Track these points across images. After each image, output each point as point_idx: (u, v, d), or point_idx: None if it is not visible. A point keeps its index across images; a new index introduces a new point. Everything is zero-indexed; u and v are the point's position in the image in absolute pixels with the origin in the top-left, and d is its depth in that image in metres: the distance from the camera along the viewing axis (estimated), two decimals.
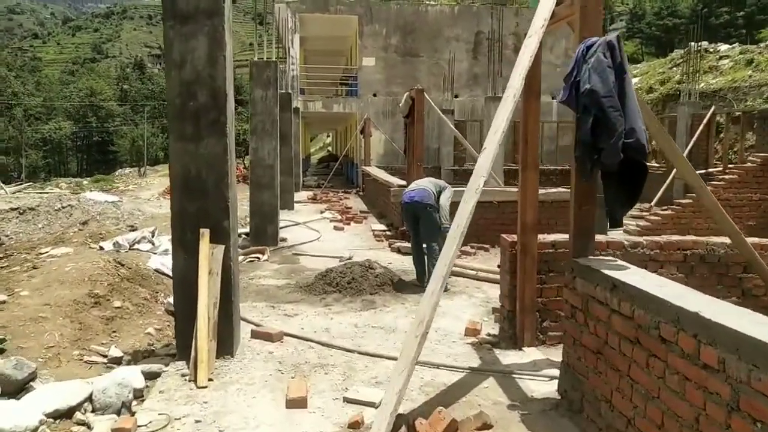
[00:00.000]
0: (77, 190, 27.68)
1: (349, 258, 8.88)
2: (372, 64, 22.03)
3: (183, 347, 4.51)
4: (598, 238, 5.36)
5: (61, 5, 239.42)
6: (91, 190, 22.57)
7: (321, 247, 9.95)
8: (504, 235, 5.31)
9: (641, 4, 79.21)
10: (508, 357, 4.86)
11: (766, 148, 13.98)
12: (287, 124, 14.88)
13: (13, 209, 10.38)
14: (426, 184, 7.46)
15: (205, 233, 4.47)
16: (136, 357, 4.90)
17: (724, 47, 23.90)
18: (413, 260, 7.43)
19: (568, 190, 9.45)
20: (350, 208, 15.87)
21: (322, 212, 14.75)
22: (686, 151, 15.43)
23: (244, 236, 10.42)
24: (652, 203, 14.59)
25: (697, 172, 13.97)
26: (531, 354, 4.87)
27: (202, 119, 4.47)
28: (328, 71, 26.57)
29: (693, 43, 17.43)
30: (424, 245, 7.27)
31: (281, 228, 11.30)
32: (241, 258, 8.62)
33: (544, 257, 5.08)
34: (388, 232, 10.97)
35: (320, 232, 11.50)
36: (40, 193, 25.37)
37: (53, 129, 68.83)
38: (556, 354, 4.91)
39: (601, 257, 3.98)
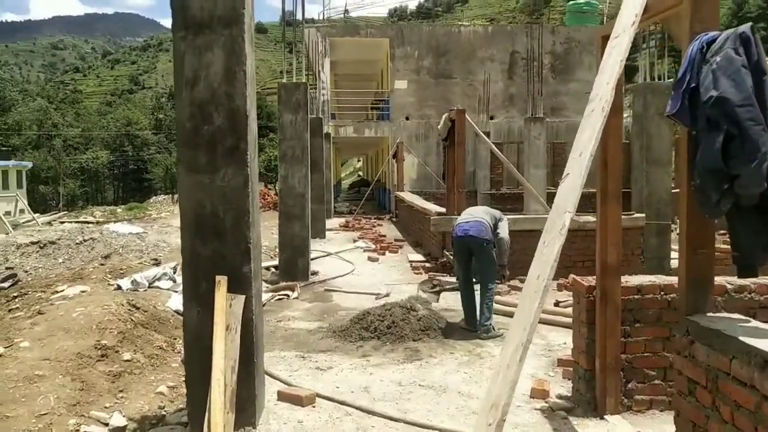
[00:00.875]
0: (111, 218, 27.53)
1: (386, 295, 8.06)
2: (404, 87, 21.40)
3: (196, 417, 3.73)
4: (652, 280, 4.49)
5: (100, 40, 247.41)
6: (124, 219, 22.28)
7: (355, 282, 9.15)
8: (577, 278, 4.43)
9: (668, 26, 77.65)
10: (588, 429, 3.95)
11: None
12: (318, 150, 14.24)
13: (33, 243, 9.84)
14: (481, 214, 6.53)
15: (221, 282, 3.71)
16: (143, 425, 4.13)
17: None
18: (462, 301, 6.55)
19: (592, 218, 8.43)
20: (384, 236, 15.07)
21: (354, 241, 13.98)
22: None
23: (272, 270, 9.69)
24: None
25: None
26: (618, 425, 3.95)
27: (218, 146, 3.74)
28: (359, 95, 26.06)
29: None
30: (476, 284, 6.42)
31: (312, 259, 10.55)
32: (269, 296, 7.87)
33: (627, 305, 4.19)
34: (426, 264, 10.13)
35: (354, 263, 10.71)
36: (74, 221, 25.23)
37: (91, 158, 69.88)
38: (647, 424, 4.00)
39: (723, 314, 3.08)
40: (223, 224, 3.75)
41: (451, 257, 9.55)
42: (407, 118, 21.55)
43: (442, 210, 10.59)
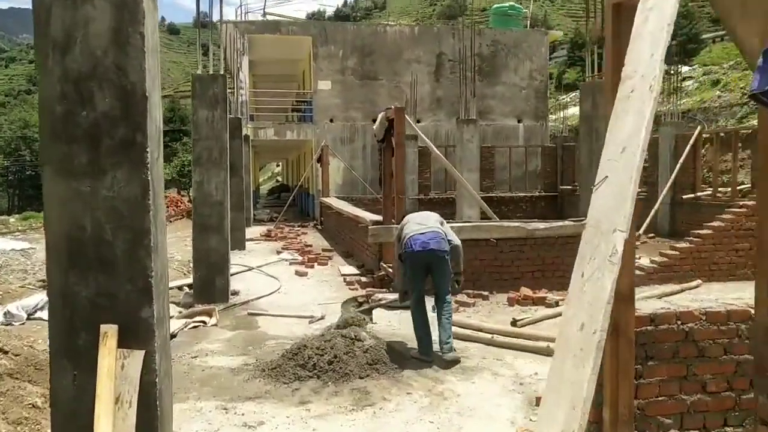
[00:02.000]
0: (1, 228, 24.72)
1: (321, 317, 7.03)
2: (328, 88, 20.38)
3: None
4: (665, 307, 3.82)
5: None
6: (17, 230, 19.89)
7: (283, 302, 8.05)
8: None
9: (581, 34, 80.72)
10: None
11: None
12: (237, 152, 12.97)
13: None
14: (434, 223, 5.74)
15: (109, 333, 2.60)
16: None
17: (685, 68, 23.38)
18: (416, 325, 5.64)
19: (571, 223, 7.81)
20: (310, 246, 13.96)
21: (278, 252, 12.82)
22: (673, 175, 14.30)
23: (186, 289, 8.42)
24: (640, 231, 13.34)
25: (686, 197, 12.70)
26: None
27: (104, 140, 2.63)
28: (279, 96, 24.78)
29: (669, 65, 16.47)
30: (432, 302, 5.59)
31: (232, 275, 9.34)
32: (181, 323, 6.66)
33: (639, 338, 3.40)
34: (362, 278, 9.16)
35: (279, 279, 9.58)
36: None
37: None
38: None
39: None
40: (111, 251, 2.64)
41: (391, 270, 8.65)
42: (331, 121, 20.55)
43: (378, 218, 9.67)
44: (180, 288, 8.68)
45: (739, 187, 13.98)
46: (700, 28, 65.80)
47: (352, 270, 10.28)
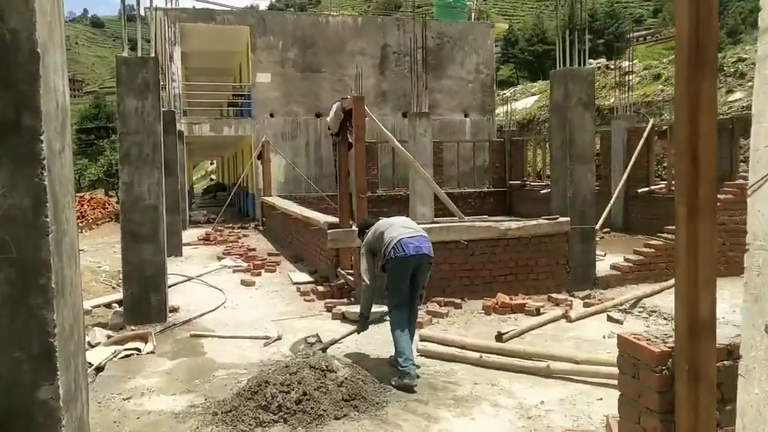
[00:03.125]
0: None
1: (278, 338, 6.08)
2: (267, 81, 19.18)
3: None
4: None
5: None
6: None
7: (231, 319, 7.03)
8: (637, 338, 2.83)
9: (514, 31, 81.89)
10: None
11: (722, 163, 12.78)
12: (172, 150, 11.74)
13: None
14: (415, 225, 5.29)
15: None
16: None
17: (626, 63, 23.47)
18: (397, 340, 4.90)
19: (545, 222, 7.16)
20: (254, 249, 12.88)
21: (219, 258, 11.68)
22: (627, 169, 14.00)
23: (115, 308, 7.26)
24: (596, 226, 12.96)
25: (640, 190, 12.38)
26: None
27: None
28: (215, 90, 23.34)
29: (618, 60, 16.20)
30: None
31: (170, 287, 8.23)
32: (109, 352, 5.57)
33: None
34: (318, 287, 8.22)
35: (224, 291, 8.52)
36: None
37: None
38: None
39: None
40: None
41: (351, 278, 7.77)
42: (272, 115, 19.37)
43: (334, 220, 8.76)
44: (108, 305, 7.51)
45: None
46: (624, 28, 67.94)
47: (305, 277, 9.32)
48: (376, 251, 5.15)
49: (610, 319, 6.58)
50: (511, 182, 20.36)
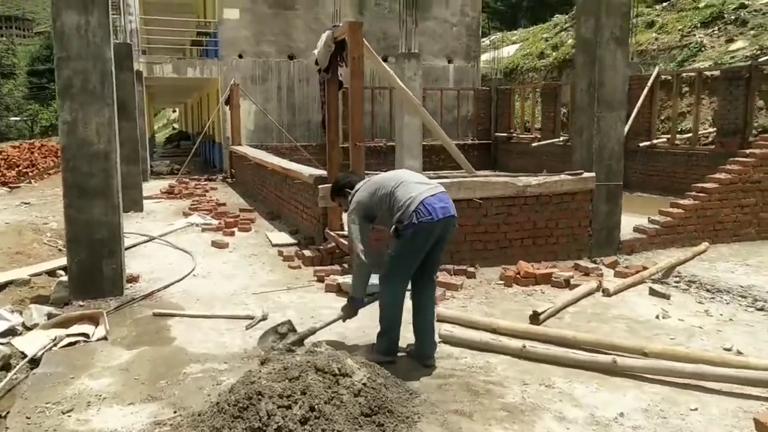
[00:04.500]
0: None
1: (263, 318, 4.94)
2: (236, 18, 17.44)
3: None
4: None
5: None
6: None
7: (202, 290, 5.85)
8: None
9: None
10: None
11: (729, 116, 11.86)
12: (129, 89, 10.27)
13: None
14: (430, 180, 4.20)
15: None
16: None
17: None
18: (392, 318, 4.07)
19: (569, 178, 6.04)
20: (223, 204, 11.64)
21: (186, 214, 10.39)
22: (630, 121, 12.99)
23: (60, 277, 6.00)
24: None
25: (642, 144, 11.45)
26: None
27: None
28: (178, 26, 21.36)
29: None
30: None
31: (128, 249, 7.02)
32: (48, 339, 4.38)
33: None
34: (305, 252, 7.05)
35: (192, 254, 7.30)
36: None
37: None
38: None
39: None
40: None
41: (343, 241, 6.63)
42: (240, 56, 17.70)
43: (321, 173, 7.56)
44: (52, 273, 6.24)
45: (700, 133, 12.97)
46: None
47: (286, 238, 8.15)
48: (374, 216, 4.05)
49: (653, 292, 5.62)
50: (497, 134, 19.30)
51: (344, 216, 5.58)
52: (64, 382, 3.80)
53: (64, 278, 5.75)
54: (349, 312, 4.27)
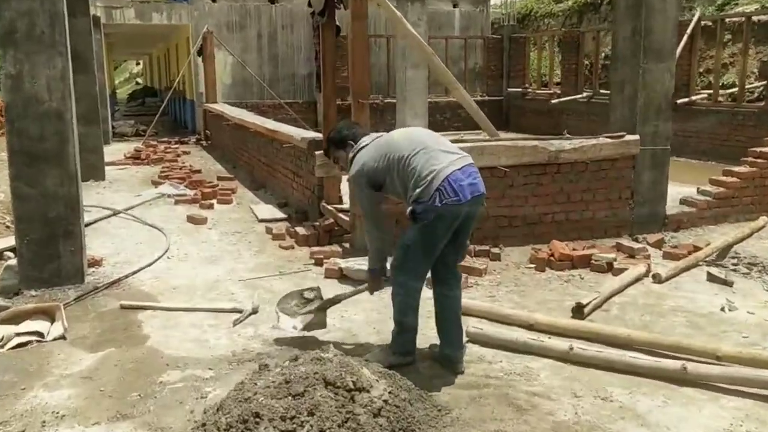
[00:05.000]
0: None
1: (253, 312, 4.62)
2: None
3: None
4: None
5: None
6: None
7: (178, 276, 5.51)
8: None
9: None
10: None
11: None
12: (85, 39, 9.77)
13: None
14: (453, 145, 3.80)
15: None
16: None
17: None
18: (406, 313, 3.73)
19: (608, 141, 5.61)
20: (198, 171, 11.29)
21: (155, 182, 10.01)
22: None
23: (11, 258, 5.64)
24: None
25: (679, 101, 11.11)
26: None
27: None
28: None
29: None
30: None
31: (87, 225, 6.67)
32: None
33: None
34: (298, 229, 6.67)
35: (165, 232, 6.95)
36: None
37: None
38: None
39: None
40: None
41: (345, 217, 6.29)
42: (214, 0, 17.13)
43: (315, 136, 7.18)
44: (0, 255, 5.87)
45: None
46: None
47: (274, 212, 7.81)
48: (380, 184, 3.70)
49: (712, 278, 5.33)
50: (510, 90, 18.85)
51: (345, 180, 5.09)
52: (14, 394, 3.47)
53: (13, 262, 5.41)
54: (373, 284, 4.02)
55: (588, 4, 21.91)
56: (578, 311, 4.50)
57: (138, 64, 57.28)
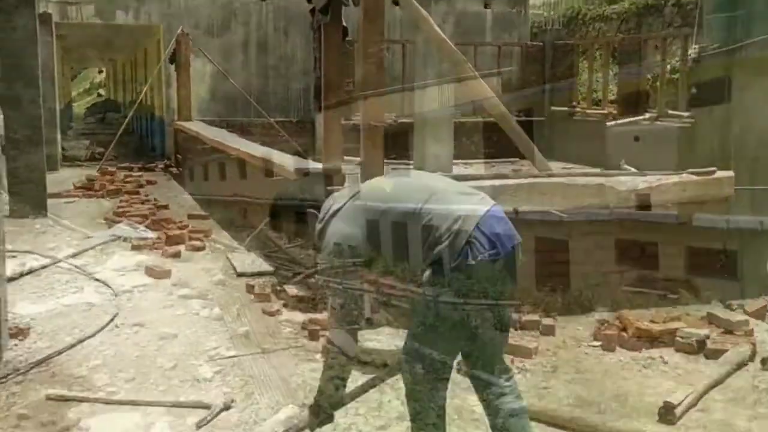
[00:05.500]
0: None
1: (225, 408, 4.16)
2: None
3: None
4: None
5: None
6: None
7: (129, 355, 5.08)
8: None
9: None
10: None
11: None
12: (29, 43, 9.66)
13: None
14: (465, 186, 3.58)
15: None
16: None
17: None
18: None
19: (693, 178, 5.23)
20: (165, 207, 11.10)
21: (109, 221, 9.76)
22: None
23: None
24: None
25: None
26: None
27: None
28: None
29: None
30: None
31: (13, 279, 6.33)
32: None
33: None
34: (288, 288, 6.27)
35: (113, 287, 6.61)
36: None
37: None
38: None
39: None
40: None
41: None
42: None
43: (313, 166, 6.84)
44: None
45: None
46: None
47: (257, 263, 7.51)
48: (371, 259, 3.37)
49: None
50: (553, 108, 18.62)
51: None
52: None
53: None
54: (315, 421, 3.51)
55: (649, 6, 21.83)
56: (669, 413, 4.04)
57: (101, 71, 57.97)
